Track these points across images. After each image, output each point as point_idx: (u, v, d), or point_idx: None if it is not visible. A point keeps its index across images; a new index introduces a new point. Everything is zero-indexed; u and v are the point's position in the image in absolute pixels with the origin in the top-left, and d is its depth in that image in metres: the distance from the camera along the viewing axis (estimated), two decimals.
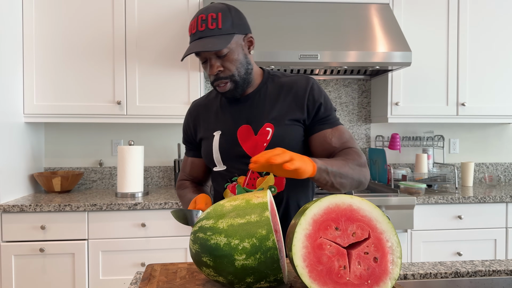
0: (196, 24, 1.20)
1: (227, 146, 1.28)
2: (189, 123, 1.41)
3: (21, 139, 2.52)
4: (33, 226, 2.25)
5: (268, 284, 0.91)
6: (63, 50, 2.54)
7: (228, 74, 1.23)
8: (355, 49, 2.42)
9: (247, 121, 1.28)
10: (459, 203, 2.50)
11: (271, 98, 1.29)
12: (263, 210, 0.89)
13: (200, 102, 1.42)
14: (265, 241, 0.86)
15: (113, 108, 2.56)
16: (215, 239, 0.88)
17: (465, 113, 2.78)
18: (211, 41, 1.18)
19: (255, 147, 1.26)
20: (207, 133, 1.34)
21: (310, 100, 1.26)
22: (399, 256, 0.85)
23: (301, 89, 1.27)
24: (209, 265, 0.89)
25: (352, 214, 0.86)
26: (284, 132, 1.25)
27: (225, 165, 1.30)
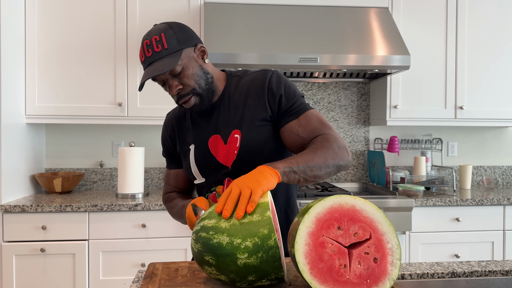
0: (143, 51, 1.19)
1: (202, 159, 1.28)
2: (166, 137, 1.40)
3: (23, 140, 2.53)
4: (34, 226, 2.26)
5: (269, 282, 0.93)
6: (65, 51, 2.56)
7: (188, 90, 1.21)
8: (355, 53, 2.44)
9: (216, 130, 1.27)
10: (457, 206, 2.52)
11: (234, 104, 1.27)
12: (264, 210, 0.91)
13: (173, 115, 1.40)
14: (267, 240, 0.88)
15: (114, 110, 2.58)
16: (217, 238, 0.90)
17: (463, 117, 2.81)
18: (161, 63, 1.16)
19: (227, 156, 1.25)
20: (183, 147, 1.34)
21: (270, 95, 1.23)
22: (398, 258, 0.87)
23: (259, 86, 1.24)
24: (211, 263, 0.91)
25: (354, 214, 0.88)
26: (251, 136, 1.23)
27: (204, 177, 1.30)
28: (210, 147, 1.27)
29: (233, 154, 1.24)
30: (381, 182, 2.86)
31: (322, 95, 3.07)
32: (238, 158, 1.24)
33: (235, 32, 2.49)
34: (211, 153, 1.27)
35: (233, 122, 1.25)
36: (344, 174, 3.10)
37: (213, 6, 2.62)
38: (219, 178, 1.28)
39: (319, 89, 3.07)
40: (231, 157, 1.24)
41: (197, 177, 1.31)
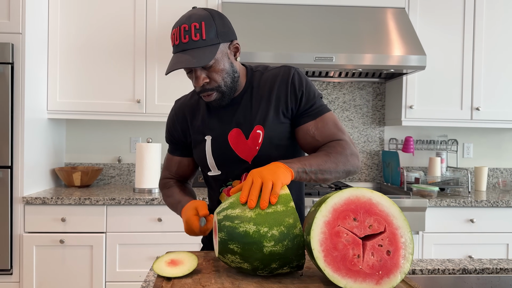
0: (179, 35, 1.14)
1: (220, 151, 1.26)
2: (175, 124, 1.36)
3: (44, 135, 2.61)
4: (54, 218, 2.33)
5: (289, 269, 0.96)
6: (86, 49, 2.63)
7: (214, 86, 1.19)
8: (370, 52, 2.46)
9: (237, 124, 1.26)
10: (472, 207, 2.51)
11: (257, 99, 1.26)
12: (287, 201, 0.96)
13: (184, 103, 1.36)
14: (293, 229, 0.93)
15: (132, 106, 2.64)
16: (243, 227, 0.93)
17: (480, 118, 2.79)
18: (196, 54, 1.13)
19: (248, 151, 1.25)
20: (197, 137, 1.31)
21: (292, 91, 1.23)
22: (411, 252, 0.90)
23: (282, 82, 1.24)
24: (236, 252, 0.94)
25: (371, 207, 0.91)
26: (273, 133, 1.24)
27: (220, 170, 1.29)
28: (230, 141, 1.26)
29: (255, 149, 1.24)
30: (395, 182, 2.86)
31: (337, 94, 3.09)
32: (259, 153, 1.24)
33: (252, 31, 2.52)
34: (231, 147, 1.25)
35: (256, 118, 1.25)
36: (358, 174, 3.11)
37: (230, 5, 2.66)
38: (236, 172, 1.28)
39: (334, 89, 3.09)
40: (252, 152, 1.24)
41: (212, 169, 1.29)
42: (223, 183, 1.31)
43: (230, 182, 1.30)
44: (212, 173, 1.31)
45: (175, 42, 1.15)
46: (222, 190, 1.32)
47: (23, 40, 2.32)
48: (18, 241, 2.31)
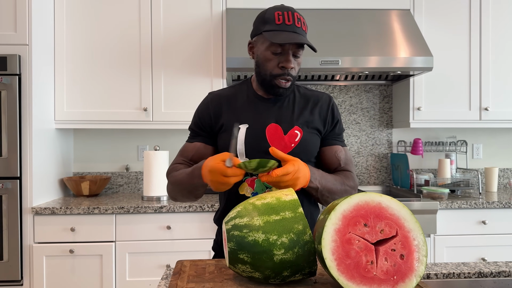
0: (293, 18, 1.26)
1: (254, 141, 1.32)
2: (208, 111, 1.39)
3: (52, 145, 2.62)
4: (63, 228, 2.33)
5: (301, 276, 0.95)
6: (92, 58, 2.64)
7: (294, 74, 1.31)
8: (376, 55, 2.44)
9: (276, 120, 1.34)
10: (483, 208, 2.48)
11: (299, 105, 1.38)
12: (295, 206, 0.95)
13: (222, 93, 1.42)
14: (303, 235, 0.92)
15: (139, 115, 2.64)
16: (252, 236, 0.92)
17: (488, 118, 2.77)
18: (305, 40, 1.26)
19: (284, 146, 1.32)
20: (230, 124, 1.35)
21: (331, 115, 1.41)
22: (424, 255, 0.88)
23: (325, 104, 1.41)
24: (246, 261, 0.93)
25: (381, 212, 0.89)
26: (309, 138, 1.35)
27: (247, 158, 1.32)
28: (268, 133, 1.32)
29: (290, 147, 1.33)
30: (405, 185, 2.83)
31: (343, 97, 3.08)
32: (292, 152, 1.32)
33: None
34: (265, 139, 1.32)
35: (296, 120, 1.36)
36: (367, 177, 3.09)
37: (234, 12, 2.66)
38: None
39: (341, 92, 3.08)
40: (287, 149, 1.32)
41: (240, 156, 1.32)
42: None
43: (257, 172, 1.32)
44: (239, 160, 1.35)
45: (287, 22, 1.26)
46: (245, 179, 1.33)
47: (30, 51, 2.33)
48: (28, 251, 2.31)
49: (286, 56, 1.27)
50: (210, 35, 2.67)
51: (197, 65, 2.67)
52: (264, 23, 1.29)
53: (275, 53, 1.28)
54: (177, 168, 1.40)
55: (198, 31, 2.67)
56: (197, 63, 2.67)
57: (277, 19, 1.26)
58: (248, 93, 1.40)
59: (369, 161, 3.08)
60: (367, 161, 3.08)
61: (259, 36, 1.32)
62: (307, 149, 1.35)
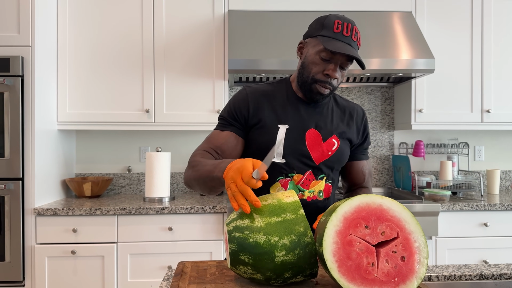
0: (352, 31, 1.27)
1: (293, 143, 1.32)
2: (247, 103, 1.35)
3: (55, 146, 2.63)
4: (65, 229, 2.34)
5: (302, 278, 0.95)
6: (95, 60, 2.65)
7: (335, 84, 1.32)
8: (378, 57, 2.44)
9: (316, 126, 1.36)
10: (485, 210, 2.48)
11: (337, 115, 1.41)
12: (297, 208, 0.95)
13: (261, 89, 1.39)
14: (304, 237, 0.92)
15: (141, 116, 2.65)
16: (254, 237, 0.92)
17: (490, 120, 2.76)
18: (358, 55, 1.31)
19: (321, 153, 1.35)
20: (269, 122, 1.33)
21: (362, 129, 1.45)
22: (425, 257, 0.88)
23: (359, 116, 1.45)
24: (247, 263, 0.93)
25: (382, 213, 0.90)
26: (344, 148, 1.39)
27: (284, 159, 1.33)
28: (307, 138, 1.34)
29: (327, 154, 1.36)
30: (407, 187, 2.83)
31: None
32: (328, 160, 1.36)
33: (258, 39, 2.53)
34: (305, 143, 1.33)
35: (335, 129, 1.39)
36: None
37: (236, 14, 2.67)
38: (299, 166, 1.33)
39: (342, 94, 3.08)
40: (324, 156, 1.35)
41: (277, 156, 1.32)
42: (285, 173, 1.33)
43: (292, 174, 1.33)
44: (275, 160, 1.32)
45: (345, 33, 1.27)
46: (279, 179, 1.33)
47: (33, 53, 2.34)
48: (30, 252, 2.32)
49: (334, 65, 1.28)
50: (212, 36, 2.68)
51: (199, 66, 2.68)
52: (321, 28, 1.29)
53: (324, 59, 1.28)
54: (203, 154, 1.32)
55: (200, 33, 2.68)
56: (199, 64, 2.68)
57: (335, 27, 1.27)
58: (288, 93, 1.39)
59: (370, 163, 3.08)
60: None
61: (313, 39, 1.31)
62: (341, 159, 1.38)
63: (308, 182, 1.33)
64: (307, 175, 1.33)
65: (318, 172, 1.34)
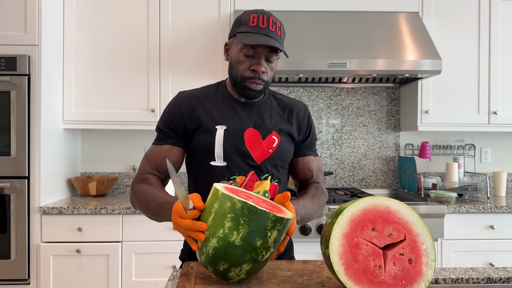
0: (268, 22, 1.26)
1: (232, 144, 1.31)
2: (181, 110, 1.33)
3: (60, 145, 2.63)
4: (71, 227, 2.34)
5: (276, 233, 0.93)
6: (101, 59, 2.66)
7: (265, 79, 1.31)
8: (385, 57, 2.43)
9: (254, 125, 1.35)
10: (492, 213, 2.46)
11: (277, 112, 1.40)
12: (216, 194, 0.95)
13: (194, 94, 1.37)
14: (234, 206, 0.90)
15: (147, 116, 2.65)
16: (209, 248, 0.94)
17: (497, 122, 2.74)
18: (278, 44, 1.25)
19: (262, 151, 1.33)
20: (206, 125, 1.32)
21: (306, 124, 1.43)
22: (433, 259, 0.87)
23: (301, 112, 1.43)
24: (227, 269, 0.94)
25: (389, 216, 0.89)
26: (285, 145, 1.37)
27: (225, 162, 1.31)
28: (246, 138, 1.32)
29: (268, 152, 1.34)
30: (412, 188, 2.82)
31: (351, 100, 3.07)
32: (270, 157, 1.34)
33: None
34: (245, 143, 1.32)
35: (274, 126, 1.37)
36: (373, 180, 3.07)
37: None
38: (240, 167, 1.31)
39: (348, 95, 3.07)
40: (265, 154, 1.33)
41: (218, 159, 1.31)
42: (227, 176, 1.31)
43: (234, 176, 1.31)
44: (216, 163, 1.32)
45: (261, 25, 1.26)
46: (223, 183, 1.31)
47: (39, 52, 2.35)
48: (35, 251, 2.33)
49: (258, 59, 1.27)
50: (218, 37, 2.68)
51: (204, 67, 2.68)
52: (239, 25, 1.30)
53: (247, 55, 1.28)
54: (147, 181, 1.30)
55: (206, 33, 2.68)
56: (205, 65, 2.68)
57: (251, 22, 1.26)
58: (224, 95, 1.38)
59: (376, 164, 3.07)
60: (374, 164, 3.07)
61: (234, 38, 1.32)
62: (283, 155, 1.36)
63: (252, 183, 1.31)
64: (249, 176, 1.31)
65: (261, 172, 1.32)
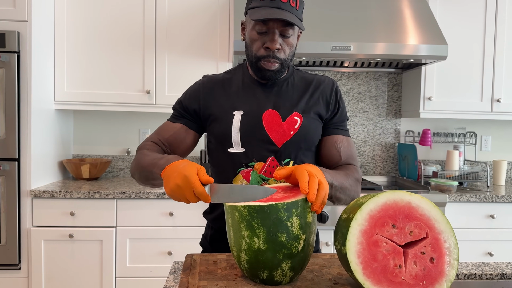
0: None
1: (250, 128, 1.21)
2: (199, 94, 1.28)
3: (52, 126, 2.54)
4: (63, 212, 2.27)
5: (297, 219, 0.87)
6: (94, 38, 2.54)
7: (282, 56, 1.18)
8: (390, 41, 2.35)
9: (274, 106, 1.23)
10: (492, 202, 2.43)
11: (299, 90, 1.27)
12: (226, 208, 0.92)
13: (216, 77, 1.31)
14: (242, 214, 0.88)
15: (142, 97, 2.56)
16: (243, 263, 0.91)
17: (500, 110, 2.70)
18: (290, 16, 1.13)
19: (282, 134, 1.21)
20: (223, 111, 1.24)
21: (334, 100, 1.29)
22: (456, 258, 0.82)
23: (328, 87, 1.29)
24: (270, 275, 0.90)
25: (410, 212, 0.83)
26: (310, 124, 1.24)
27: (243, 148, 1.22)
28: (264, 120, 1.22)
29: (289, 134, 1.21)
30: (412, 176, 2.78)
31: (352, 85, 2.99)
32: (292, 139, 1.21)
33: None
34: (263, 126, 1.21)
35: (296, 105, 1.24)
36: (372, 167, 3.03)
37: None
38: (262, 153, 1.21)
39: (349, 79, 2.99)
40: (285, 136, 1.21)
41: (235, 145, 1.22)
42: (245, 163, 1.22)
43: (253, 163, 1.21)
44: (234, 150, 1.22)
45: None
46: (240, 171, 1.22)
47: (29, 28, 2.24)
48: (26, 235, 2.26)
49: (271, 35, 1.15)
50: (217, 16, 2.57)
51: (202, 47, 2.58)
52: (251, 1, 1.19)
53: (260, 32, 1.17)
54: (148, 146, 1.25)
55: (204, 12, 2.57)
56: (203, 45, 2.58)
57: None
58: (244, 77, 1.29)
59: (375, 151, 3.02)
60: (373, 151, 3.02)
61: (247, 16, 1.21)
62: (307, 137, 1.23)
63: (272, 169, 1.21)
64: (269, 162, 1.21)
65: (282, 157, 1.21)
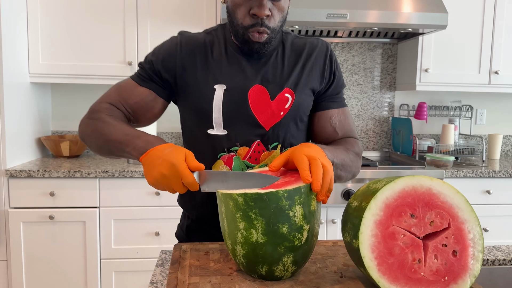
0: None
1: (234, 107, 1.04)
2: (175, 59, 1.07)
3: (27, 101, 2.37)
4: (42, 192, 2.14)
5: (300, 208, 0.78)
6: (71, 5, 2.35)
7: (272, 25, 1.00)
8: (389, 9, 2.22)
9: (263, 81, 1.06)
10: (489, 177, 2.37)
11: (291, 61, 1.09)
12: (218, 195, 0.83)
13: (196, 38, 1.09)
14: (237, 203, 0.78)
15: (123, 69, 2.40)
16: (239, 257, 0.83)
17: (498, 82, 2.61)
18: None
19: (270, 115, 1.05)
20: (202, 83, 1.05)
21: (329, 69, 1.12)
22: (481, 250, 0.73)
23: (321, 54, 1.11)
24: (269, 270, 0.81)
25: (431, 199, 0.73)
26: (302, 101, 1.08)
27: (226, 130, 1.05)
28: (250, 99, 1.04)
29: (279, 115, 1.06)
30: (406, 151, 2.70)
31: (346, 56, 2.86)
32: (282, 121, 1.06)
33: None
34: (249, 106, 1.04)
35: (288, 80, 1.07)
36: (365, 142, 2.94)
37: None
38: (247, 138, 1.05)
39: (343, 50, 2.86)
40: (275, 117, 1.06)
41: (216, 127, 1.05)
42: (227, 147, 1.06)
43: (236, 147, 1.06)
44: (214, 131, 1.06)
45: None
46: (221, 156, 1.07)
47: None
48: (3, 217, 2.13)
49: (252, 2, 0.97)
50: None
51: (188, 14, 2.41)
52: None
53: None
54: (107, 110, 1.06)
55: None
56: (188, 11, 2.40)
57: None
58: (226, 43, 1.08)
59: (369, 125, 2.92)
60: (367, 125, 2.92)
61: None
62: (297, 116, 1.08)
63: (257, 155, 1.06)
64: (254, 147, 1.06)
65: (269, 141, 1.06)
